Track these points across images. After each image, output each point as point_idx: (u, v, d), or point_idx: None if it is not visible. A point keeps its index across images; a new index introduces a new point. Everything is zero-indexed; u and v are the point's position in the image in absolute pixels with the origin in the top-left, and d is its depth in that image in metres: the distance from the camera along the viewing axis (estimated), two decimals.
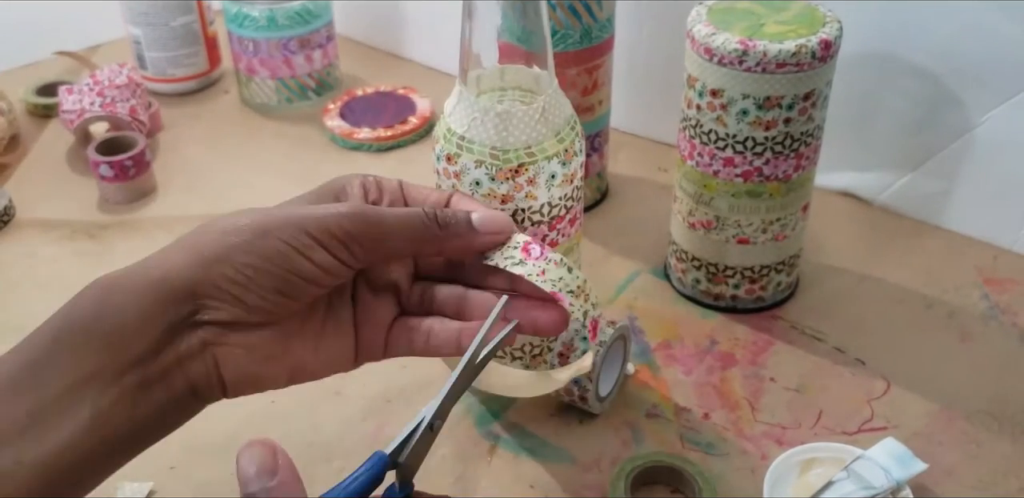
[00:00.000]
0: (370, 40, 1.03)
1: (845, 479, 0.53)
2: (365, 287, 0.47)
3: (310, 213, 0.42)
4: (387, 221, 0.44)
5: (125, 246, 0.75)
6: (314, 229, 0.42)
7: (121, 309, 0.40)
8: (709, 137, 0.61)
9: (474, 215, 0.46)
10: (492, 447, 0.58)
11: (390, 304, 0.47)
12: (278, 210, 0.43)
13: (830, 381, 0.62)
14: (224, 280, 0.40)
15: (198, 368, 0.41)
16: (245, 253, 0.41)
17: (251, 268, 0.41)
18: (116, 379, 0.39)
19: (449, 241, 0.45)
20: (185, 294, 0.40)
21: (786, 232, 0.64)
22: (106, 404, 0.38)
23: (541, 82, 0.51)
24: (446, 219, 0.45)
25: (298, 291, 0.42)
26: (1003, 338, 0.65)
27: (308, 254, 0.41)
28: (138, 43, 0.92)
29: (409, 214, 0.44)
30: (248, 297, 0.41)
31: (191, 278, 0.40)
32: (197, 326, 0.41)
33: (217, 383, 0.42)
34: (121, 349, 0.39)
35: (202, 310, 0.40)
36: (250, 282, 0.41)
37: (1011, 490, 0.55)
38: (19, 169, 0.84)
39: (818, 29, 0.58)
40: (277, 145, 0.88)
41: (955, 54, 0.68)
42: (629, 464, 0.55)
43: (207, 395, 0.42)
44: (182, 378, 0.40)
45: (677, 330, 0.66)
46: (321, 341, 0.45)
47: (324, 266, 0.42)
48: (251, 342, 0.42)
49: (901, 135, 0.73)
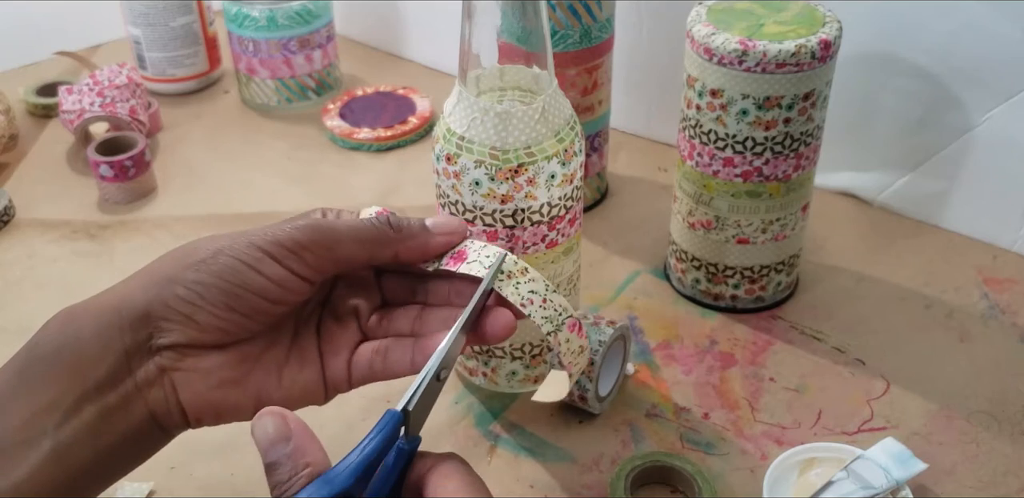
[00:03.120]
0: (370, 40, 1.03)
1: (845, 479, 0.53)
2: (330, 317, 0.46)
3: (261, 230, 0.43)
4: (338, 228, 0.43)
5: (125, 246, 0.75)
6: (263, 242, 0.42)
7: (80, 337, 0.40)
8: (709, 137, 0.61)
9: (428, 219, 0.46)
10: (492, 447, 0.58)
11: (353, 331, 0.46)
12: (238, 232, 0.43)
13: (830, 381, 0.62)
14: (175, 300, 0.41)
15: (157, 394, 0.41)
16: (195, 272, 0.41)
17: (200, 285, 0.41)
18: (76, 409, 0.39)
19: (403, 242, 0.44)
20: (139, 318, 0.40)
21: (786, 232, 0.64)
22: (67, 435, 0.39)
23: (541, 82, 0.51)
24: (399, 222, 0.45)
25: (250, 307, 0.42)
26: (1003, 338, 0.65)
27: (258, 267, 0.41)
28: (138, 43, 0.92)
29: (362, 221, 0.44)
30: (199, 315, 0.41)
31: (144, 301, 0.41)
32: (154, 352, 0.41)
33: (177, 410, 0.42)
34: (80, 377, 0.39)
35: (156, 333, 0.41)
36: (200, 299, 0.41)
37: (1011, 490, 0.55)
38: (19, 169, 0.84)
39: (818, 29, 0.58)
40: (277, 145, 0.88)
41: (954, 54, 0.68)
42: (629, 464, 0.55)
43: (169, 424, 0.42)
44: (142, 406, 0.41)
45: (677, 330, 0.66)
46: (285, 370, 0.44)
47: (275, 278, 0.42)
48: (207, 366, 0.42)
49: (901, 135, 0.74)
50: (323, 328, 0.46)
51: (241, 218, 0.78)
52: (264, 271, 0.41)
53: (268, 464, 0.37)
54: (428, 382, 0.40)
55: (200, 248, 0.42)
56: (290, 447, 0.37)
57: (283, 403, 0.44)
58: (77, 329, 0.40)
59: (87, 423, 0.39)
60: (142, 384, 0.41)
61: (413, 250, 0.45)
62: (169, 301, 0.41)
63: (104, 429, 0.40)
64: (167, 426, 0.42)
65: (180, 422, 0.42)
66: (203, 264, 0.41)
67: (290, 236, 0.42)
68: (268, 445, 0.37)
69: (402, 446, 0.39)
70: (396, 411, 0.38)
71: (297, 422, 0.38)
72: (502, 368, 0.60)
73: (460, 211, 0.53)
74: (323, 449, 0.38)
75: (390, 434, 0.38)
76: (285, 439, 0.37)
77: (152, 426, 0.41)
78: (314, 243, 0.42)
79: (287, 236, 0.42)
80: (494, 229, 0.53)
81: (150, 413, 0.41)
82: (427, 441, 0.58)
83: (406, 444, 0.39)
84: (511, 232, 0.53)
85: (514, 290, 0.44)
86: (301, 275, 0.42)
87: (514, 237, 0.53)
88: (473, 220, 0.53)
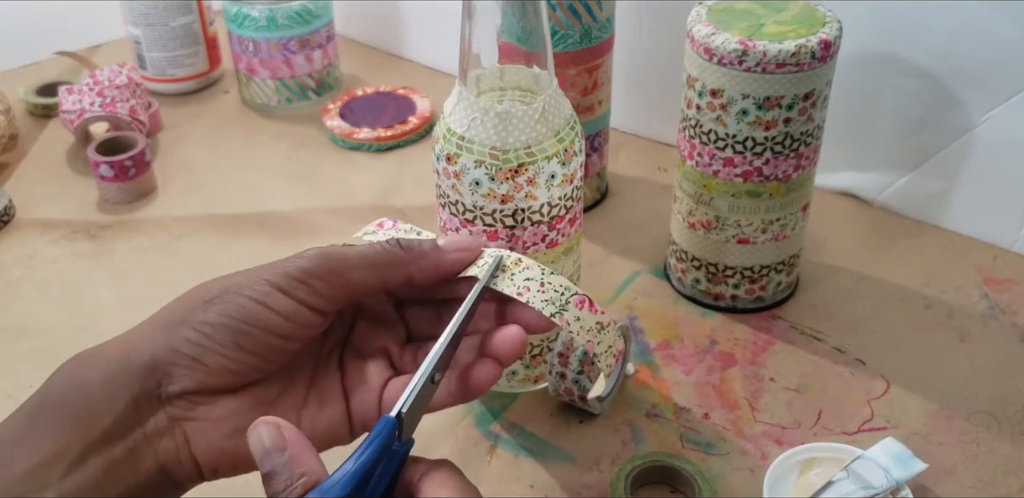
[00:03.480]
0: (370, 40, 1.03)
1: (845, 479, 0.53)
2: (353, 354, 0.45)
3: (271, 264, 0.41)
4: (347, 254, 0.42)
5: (125, 246, 0.75)
6: (272, 276, 0.41)
7: (87, 385, 0.39)
8: (709, 137, 0.61)
9: (440, 238, 0.45)
10: (492, 447, 0.58)
11: (382, 368, 0.45)
12: (245, 270, 0.42)
13: (830, 381, 0.62)
14: (182, 342, 0.40)
15: (168, 445, 0.40)
16: (202, 312, 0.40)
17: (208, 325, 0.40)
18: (81, 460, 0.38)
19: (415, 263, 0.43)
20: (147, 365, 0.39)
21: (786, 232, 0.64)
22: (71, 487, 0.37)
23: (541, 82, 0.51)
24: (409, 243, 0.44)
25: (260, 345, 0.40)
26: (1003, 338, 0.65)
27: (265, 301, 0.40)
28: (138, 43, 0.92)
29: (371, 245, 0.43)
30: (207, 357, 0.40)
31: (151, 347, 0.40)
32: (165, 401, 0.40)
33: (189, 461, 0.40)
34: (88, 426, 0.38)
35: (165, 380, 0.40)
36: (207, 339, 0.40)
37: (1011, 490, 0.55)
38: (19, 169, 0.84)
39: (818, 29, 0.58)
40: (277, 145, 0.88)
41: (955, 54, 0.68)
42: (629, 464, 0.55)
43: (181, 477, 0.41)
44: (151, 458, 0.39)
45: (677, 330, 0.66)
46: (304, 412, 0.43)
47: (284, 312, 0.40)
48: (220, 413, 0.41)
49: (901, 135, 0.74)
50: (346, 366, 0.45)
51: (241, 218, 0.78)
52: (272, 305, 0.40)
53: (264, 474, 0.36)
54: (423, 385, 0.39)
55: (209, 288, 0.41)
56: (285, 457, 0.36)
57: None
58: (86, 376, 0.39)
59: (92, 476, 0.38)
60: (152, 434, 0.39)
61: (426, 270, 0.44)
62: (176, 345, 0.40)
63: (110, 481, 0.38)
64: (179, 479, 0.41)
65: (193, 474, 0.41)
66: (210, 304, 0.40)
67: (297, 266, 0.41)
68: (263, 455, 0.36)
69: (395, 448, 0.38)
70: (391, 417, 0.38)
71: (292, 432, 0.37)
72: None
73: (460, 211, 0.53)
74: (319, 458, 0.37)
75: (385, 441, 0.38)
76: (280, 449, 0.36)
77: (162, 479, 0.40)
78: (323, 270, 0.41)
79: (294, 266, 0.41)
80: (494, 229, 0.53)
81: (159, 466, 0.40)
82: (427, 441, 0.58)
83: (399, 446, 0.38)
84: (511, 232, 0.53)
85: (509, 282, 0.43)
86: (312, 306, 0.41)
87: (514, 237, 0.53)
88: (473, 220, 0.53)
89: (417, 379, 0.39)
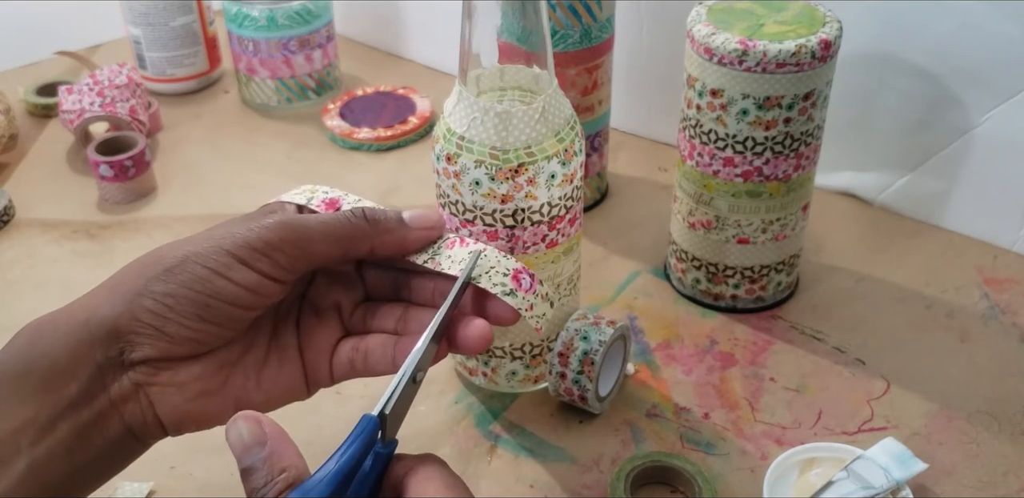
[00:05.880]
0: (370, 40, 1.03)
1: (845, 479, 0.53)
2: (309, 311, 0.45)
3: (232, 231, 0.41)
4: (310, 224, 0.42)
5: (125, 246, 0.75)
6: (233, 247, 0.40)
7: (51, 353, 0.39)
8: (709, 137, 0.61)
9: (405, 212, 0.44)
10: (492, 447, 0.58)
11: (334, 327, 0.45)
12: (205, 234, 0.42)
13: (830, 381, 0.62)
14: (143, 312, 0.39)
15: (133, 409, 0.40)
16: (163, 283, 0.40)
17: (170, 297, 0.40)
18: (50, 427, 0.38)
19: (379, 237, 0.43)
20: (109, 333, 0.39)
21: (786, 232, 0.64)
22: (42, 453, 0.38)
23: (541, 82, 0.51)
24: (375, 215, 0.43)
25: (222, 316, 0.40)
26: (1003, 338, 0.65)
27: (228, 274, 0.40)
28: (138, 43, 0.92)
29: (335, 216, 0.43)
30: (169, 327, 0.40)
31: (112, 315, 0.39)
32: (128, 367, 0.40)
33: (155, 423, 0.41)
34: (53, 393, 0.38)
35: (128, 348, 0.40)
36: (169, 311, 0.39)
37: (1011, 490, 0.55)
38: (19, 169, 0.84)
39: (818, 29, 0.58)
40: (277, 145, 0.88)
41: (955, 54, 0.68)
42: (629, 464, 0.55)
43: (146, 436, 0.41)
44: (118, 421, 0.40)
45: (677, 330, 0.66)
46: (264, 371, 0.43)
47: (247, 284, 0.40)
48: (183, 379, 0.41)
49: (901, 135, 0.74)
50: (303, 324, 0.45)
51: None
52: (234, 278, 0.40)
53: (243, 469, 0.36)
54: (404, 385, 0.39)
55: (166, 256, 0.41)
56: (265, 452, 0.36)
57: (264, 404, 0.43)
58: (47, 345, 0.39)
59: (62, 440, 0.38)
60: (117, 400, 0.40)
61: (389, 245, 0.44)
62: (138, 314, 0.39)
63: (80, 445, 0.39)
64: (144, 438, 0.41)
65: (158, 433, 0.41)
66: (170, 273, 0.40)
67: (259, 236, 0.41)
68: (243, 450, 0.36)
69: (379, 451, 0.38)
70: (372, 416, 0.38)
71: (272, 426, 0.37)
72: (502, 368, 0.60)
73: (460, 211, 0.53)
74: (300, 453, 0.37)
75: (367, 440, 0.37)
76: (260, 444, 0.36)
77: (129, 439, 0.40)
78: (285, 242, 0.41)
79: (256, 237, 0.41)
80: (494, 229, 0.53)
81: (126, 427, 0.40)
82: (427, 441, 0.58)
83: (383, 448, 0.38)
84: (511, 232, 0.53)
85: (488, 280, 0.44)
86: (273, 277, 0.41)
87: (514, 237, 0.53)
88: (473, 220, 0.53)
89: (399, 379, 0.39)
